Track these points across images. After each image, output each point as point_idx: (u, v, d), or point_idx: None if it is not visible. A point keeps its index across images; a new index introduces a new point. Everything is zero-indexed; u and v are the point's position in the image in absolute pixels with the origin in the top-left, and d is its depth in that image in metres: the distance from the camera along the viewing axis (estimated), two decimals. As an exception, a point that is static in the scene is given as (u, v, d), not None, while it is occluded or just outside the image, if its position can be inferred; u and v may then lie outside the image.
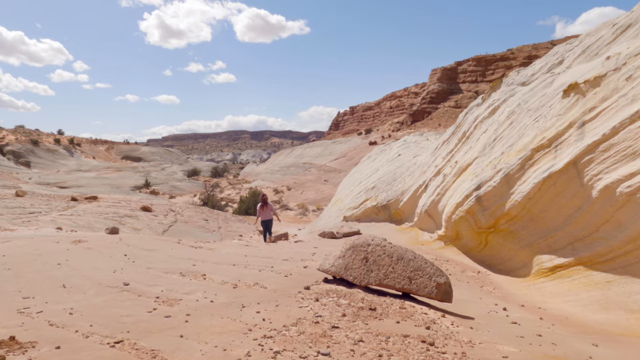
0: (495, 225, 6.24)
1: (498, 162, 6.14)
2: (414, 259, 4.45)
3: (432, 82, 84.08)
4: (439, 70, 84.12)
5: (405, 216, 10.70)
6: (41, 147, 73.06)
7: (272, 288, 4.91)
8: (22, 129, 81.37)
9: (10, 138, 74.83)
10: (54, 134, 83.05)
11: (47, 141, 76.48)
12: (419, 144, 12.89)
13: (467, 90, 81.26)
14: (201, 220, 18.11)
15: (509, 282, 6.17)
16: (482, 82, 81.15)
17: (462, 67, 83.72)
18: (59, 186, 45.81)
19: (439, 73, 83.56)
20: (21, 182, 35.51)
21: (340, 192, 17.08)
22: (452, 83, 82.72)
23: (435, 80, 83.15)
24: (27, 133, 78.75)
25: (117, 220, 13.55)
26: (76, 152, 78.07)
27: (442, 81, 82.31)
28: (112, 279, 4.81)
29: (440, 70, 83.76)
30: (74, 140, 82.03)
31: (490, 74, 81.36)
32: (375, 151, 20.12)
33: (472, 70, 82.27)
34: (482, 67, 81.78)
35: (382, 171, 12.55)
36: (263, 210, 12.19)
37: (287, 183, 55.38)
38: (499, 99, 7.63)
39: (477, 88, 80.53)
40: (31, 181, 47.30)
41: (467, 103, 77.32)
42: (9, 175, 38.36)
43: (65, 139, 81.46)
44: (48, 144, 75.39)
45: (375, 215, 11.87)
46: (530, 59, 77.26)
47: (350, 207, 13.17)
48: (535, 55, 77.40)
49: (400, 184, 10.82)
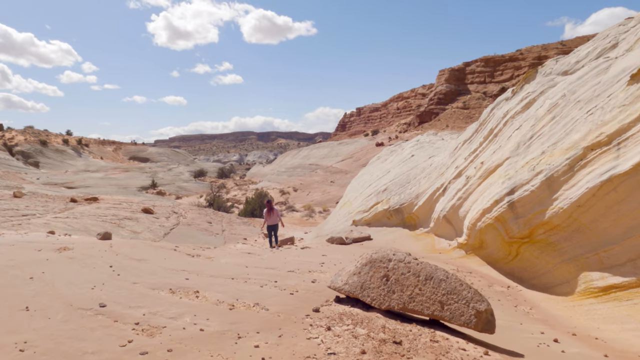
0: (530, 235, 5.42)
1: (537, 163, 5.31)
2: (447, 280, 3.66)
3: (440, 83, 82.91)
4: (447, 71, 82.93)
5: (420, 221, 9.89)
6: (50, 148, 73.31)
7: (276, 310, 4.15)
8: (31, 130, 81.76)
9: (20, 138, 75.21)
10: (63, 135, 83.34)
11: (56, 142, 76.74)
12: (434, 144, 12.01)
13: (475, 91, 80.00)
14: (205, 223, 17.44)
15: (548, 301, 5.35)
16: (491, 83, 79.88)
17: (470, 67, 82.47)
18: (66, 186, 45.60)
19: (446, 74, 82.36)
20: (26, 182, 35.24)
21: (349, 194, 16.29)
22: (460, 84, 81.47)
23: (443, 81, 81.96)
24: (36, 133, 79.08)
25: (115, 223, 12.90)
26: (84, 153, 78.23)
27: (450, 82, 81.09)
28: (87, 299, 4.08)
29: (448, 71, 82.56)
30: (82, 140, 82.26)
31: (499, 75, 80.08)
32: (385, 152, 19.31)
33: (481, 71, 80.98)
34: (491, 68, 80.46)
35: (394, 173, 11.74)
36: (269, 215, 11.77)
37: (293, 184, 54.73)
38: (534, 91, 6.76)
39: (486, 89, 79.29)
40: (39, 181, 47.21)
41: (475, 104, 76.14)
42: (15, 175, 38.13)
43: (74, 139, 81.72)
44: (56, 144, 75.64)
45: (386, 219, 11.07)
46: (539, 59, 75.90)
47: (359, 210, 12.38)
48: (544, 56, 76.05)
49: (415, 186, 10.01)
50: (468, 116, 72.36)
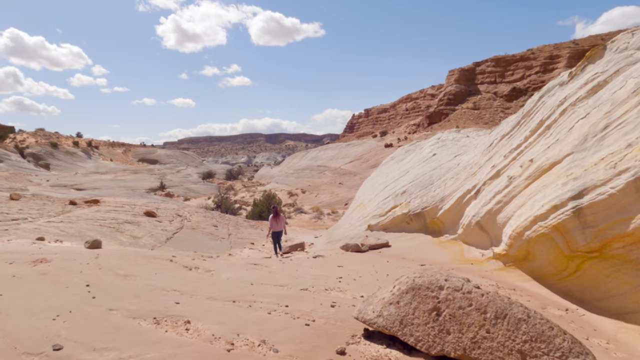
0: (602, 249, 4.34)
1: (620, 160, 4.21)
2: (528, 320, 2.60)
3: (450, 83, 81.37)
4: (457, 72, 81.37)
5: (445, 227, 8.81)
6: (60, 150, 73.52)
7: (288, 352, 3.12)
8: (42, 132, 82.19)
9: (31, 141, 75.63)
10: (73, 137, 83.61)
11: (66, 144, 76.97)
12: (458, 142, 10.85)
13: (485, 91, 78.38)
14: (210, 227, 16.51)
15: (627, 332, 4.25)
16: (502, 83, 78.24)
17: (480, 67, 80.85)
18: (75, 188, 45.24)
19: (456, 74, 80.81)
20: (33, 184, 34.80)
21: (362, 196, 15.22)
22: (470, 84, 79.89)
23: (453, 81, 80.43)
24: (47, 136, 79.43)
25: (114, 228, 12.01)
26: (94, 155, 78.37)
27: (460, 82, 79.53)
28: (41, 336, 3.09)
29: (458, 71, 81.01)
30: (92, 142, 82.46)
31: (510, 75, 78.39)
32: (399, 152, 18.20)
33: (491, 71, 79.32)
34: (502, 68, 78.78)
35: (414, 173, 10.64)
36: (275, 221, 11.20)
37: (301, 186, 53.80)
38: (605, 71, 5.62)
39: (496, 89, 77.64)
40: (48, 183, 46.98)
41: (486, 104, 74.48)
42: (23, 177, 37.76)
43: (84, 141, 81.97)
44: (67, 146, 75.87)
45: (406, 224, 10.00)
46: (551, 59, 74.10)
47: (375, 214, 11.32)
48: (557, 55, 74.26)
49: (439, 188, 8.90)
50: (478, 117, 70.82)
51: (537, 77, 74.46)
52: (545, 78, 72.94)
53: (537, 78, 74.31)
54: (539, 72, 74.91)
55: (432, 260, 8.26)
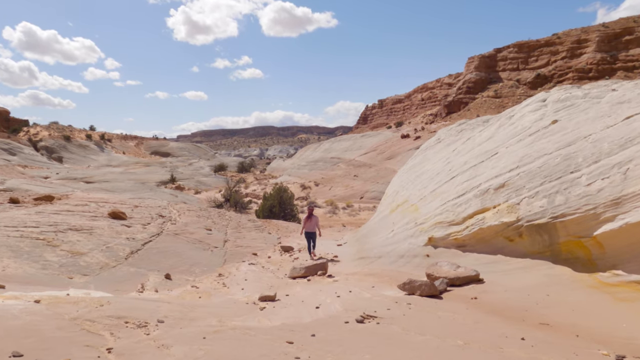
0: None
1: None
2: None
3: (469, 70, 75.36)
4: (477, 58, 75.25)
5: (607, 255, 4.34)
6: (73, 143, 70.87)
7: None
8: (56, 125, 79.76)
9: (44, 134, 73.23)
10: (86, 130, 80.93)
11: (79, 137, 74.28)
12: (601, 98, 6.23)
13: (507, 79, 72.25)
14: (201, 230, 12.25)
15: None
16: (525, 70, 71.93)
17: (501, 54, 74.54)
18: (85, 181, 42.08)
19: (476, 61, 74.72)
20: (25, 177, 31.29)
21: (402, 191, 10.70)
22: (491, 71, 73.75)
23: (473, 69, 74.40)
24: (60, 129, 76.88)
25: (45, 240, 7.79)
26: (107, 148, 75.48)
27: (480, 70, 73.48)
28: None
29: (478, 58, 74.89)
30: (104, 136, 79.64)
31: (534, 61, 71.97)
32: (443, 133, 13.56)
33: (513, 58, 72.99)
34: (525, 54, 72.38)
35: (517, 155, 6.02)
36: (308, 222, 10.80)
37: (314, 178, 49.41)
38: None
39: (519, 76, 71.44)
40: (58, 176, 43.81)
41: (508, 92, 68.48)
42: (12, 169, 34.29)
43: (97, 134, 79.19)
44: (80, 139, 73.20)
45: (507, 241, 5.57)
46: (579, 43, 67.42)
47: (440, 221, 6.89)
48: (585, 39, 67.52)
49: (598, 179, 4.39)
50: (500, 105, 64.85)
51: (563, 63, 67.82)
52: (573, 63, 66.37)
53: (563, 64, 67.68)
54: (566, 57, 68.21)
55: (603, 332, 3.79)
